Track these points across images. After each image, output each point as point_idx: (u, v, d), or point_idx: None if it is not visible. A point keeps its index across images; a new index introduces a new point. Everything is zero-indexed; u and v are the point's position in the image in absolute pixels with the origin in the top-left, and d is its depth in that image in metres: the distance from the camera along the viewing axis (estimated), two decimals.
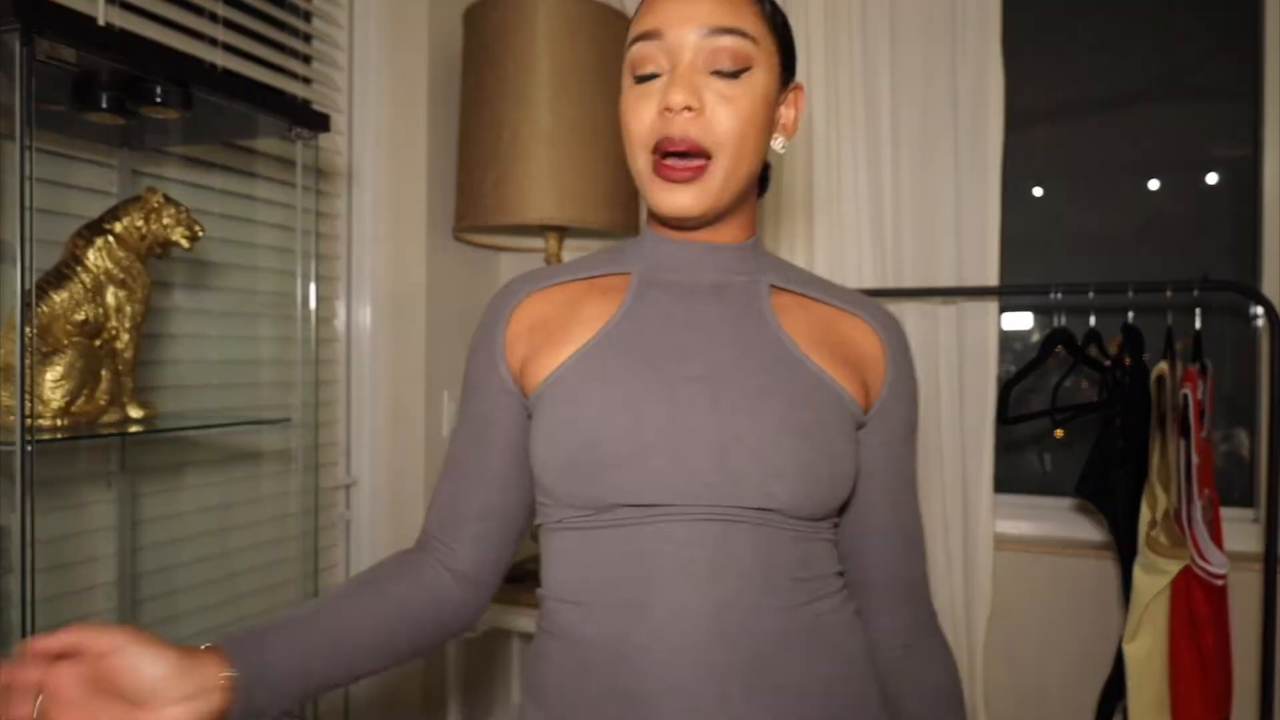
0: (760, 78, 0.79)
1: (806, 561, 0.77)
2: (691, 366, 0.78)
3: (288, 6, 1.82)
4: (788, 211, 2.00)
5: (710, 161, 0.77)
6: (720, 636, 0.71)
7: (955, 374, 1.90)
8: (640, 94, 0.79)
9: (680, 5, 0.77)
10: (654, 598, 0.73)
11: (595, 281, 0.87)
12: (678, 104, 0.75)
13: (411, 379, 2.04)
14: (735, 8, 0.77)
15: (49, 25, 0.98)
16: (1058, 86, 2.08)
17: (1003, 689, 1.97)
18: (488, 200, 1.87)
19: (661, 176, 0.78)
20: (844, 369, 0.81)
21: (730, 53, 0.77)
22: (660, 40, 0.77)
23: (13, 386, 1.09)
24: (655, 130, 0.77)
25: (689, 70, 0.77)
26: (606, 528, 0.75)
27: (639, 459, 0.74)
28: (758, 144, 0.80)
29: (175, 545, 1.59)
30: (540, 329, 0.84)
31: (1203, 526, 1.59)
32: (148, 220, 1.25)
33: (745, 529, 0.73)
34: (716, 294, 0.83)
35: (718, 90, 0.77)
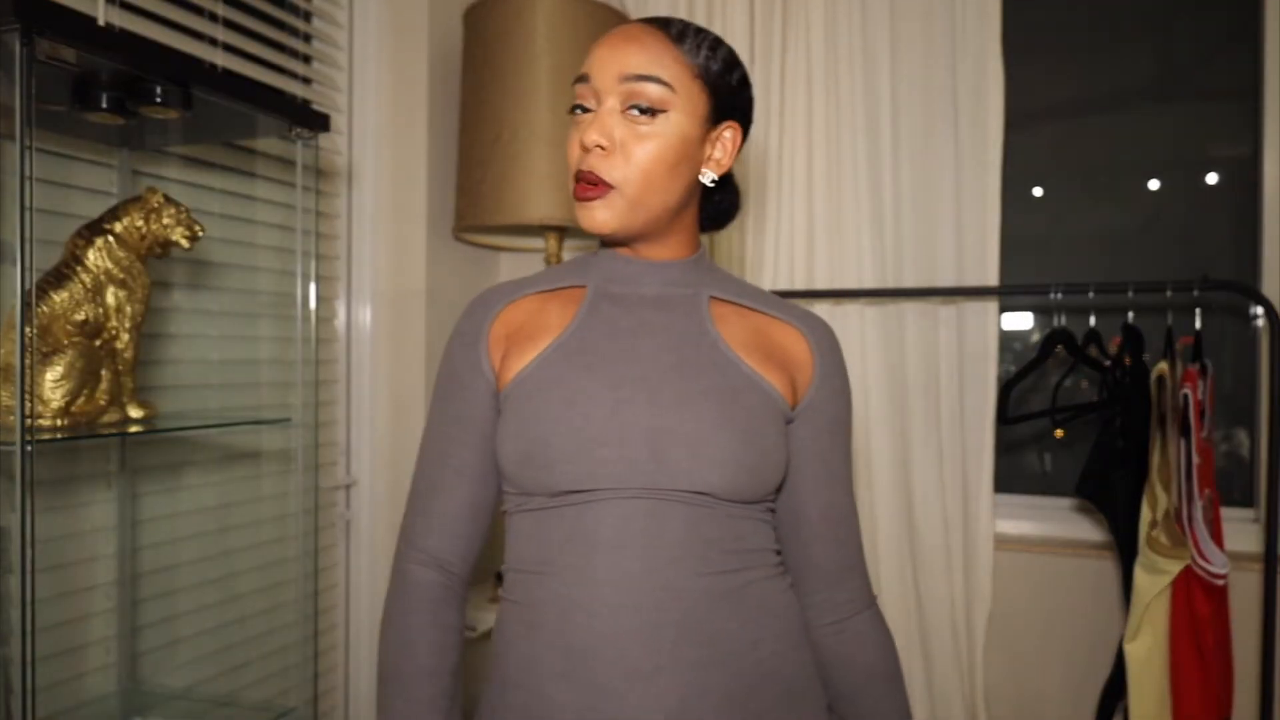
0: (676, 119, 0.88)
1: (739, 537, 0.88)
2: (633, 369, 0.89)
3: (288, 6, 1.82)
4: (788, 212, 2.00)
5: (614, 190, 0.87)
6: (651, 596, 0.83)
7: (955, 374, 1.90)
8: (573, 126, 0.91)
9: (607, 54, 0.88)
10: (595, 563, 0.84)
11: (558, 293, 0.98)
12: (590, 142, 0.87)
13: (411, 379, 2.04)
14: (655, 58, 0.87)
15: (49, 25, 0.98)
16: (1058, 86, 2.08)
17: (1003, 689, 1.97)
18: (488, 200, 1.87)
19: (578, 198, 0.89)
20: (775, 370, 0.92)
21: (645, 96, 0.87)
22: (589, 83, 0.89)
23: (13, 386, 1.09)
24: (576, 161, 0.89)
25: (607, 111, 0.88)
26: (558, 508, 0.87)
27: (585, 451, 0.85)
28: (668, 179, 0.89)
29: (175, 545, 1.59)
30: (514, 335, 0.95)
31: (1203, 526, 1.59)
32: (148, 220, 1.25)
33: (678, 507, 0.85)
34: (660, 304, 0.94)
35: (634, 129, 0.87)
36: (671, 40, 0.89)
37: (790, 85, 1.98)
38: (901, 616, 1.93)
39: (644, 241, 0.94)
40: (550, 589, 0.86)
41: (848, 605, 0.96)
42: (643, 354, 0.90)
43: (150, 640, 1.55)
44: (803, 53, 1.97)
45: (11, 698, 1.10)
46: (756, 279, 2.02)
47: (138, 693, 1.49)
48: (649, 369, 0.89)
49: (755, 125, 2.02)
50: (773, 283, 2.00)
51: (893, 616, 1.93)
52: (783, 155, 1.99)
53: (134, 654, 1.51)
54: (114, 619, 1.47)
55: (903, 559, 1.94)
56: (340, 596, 2.04)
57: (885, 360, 1.94)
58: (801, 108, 1.97)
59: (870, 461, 1.95)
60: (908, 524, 1.94)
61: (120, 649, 1.47)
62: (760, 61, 2.01)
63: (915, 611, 1.93)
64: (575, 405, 0.87)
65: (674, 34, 0.90)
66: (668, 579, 0.83)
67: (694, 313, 0.94)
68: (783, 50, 1.99)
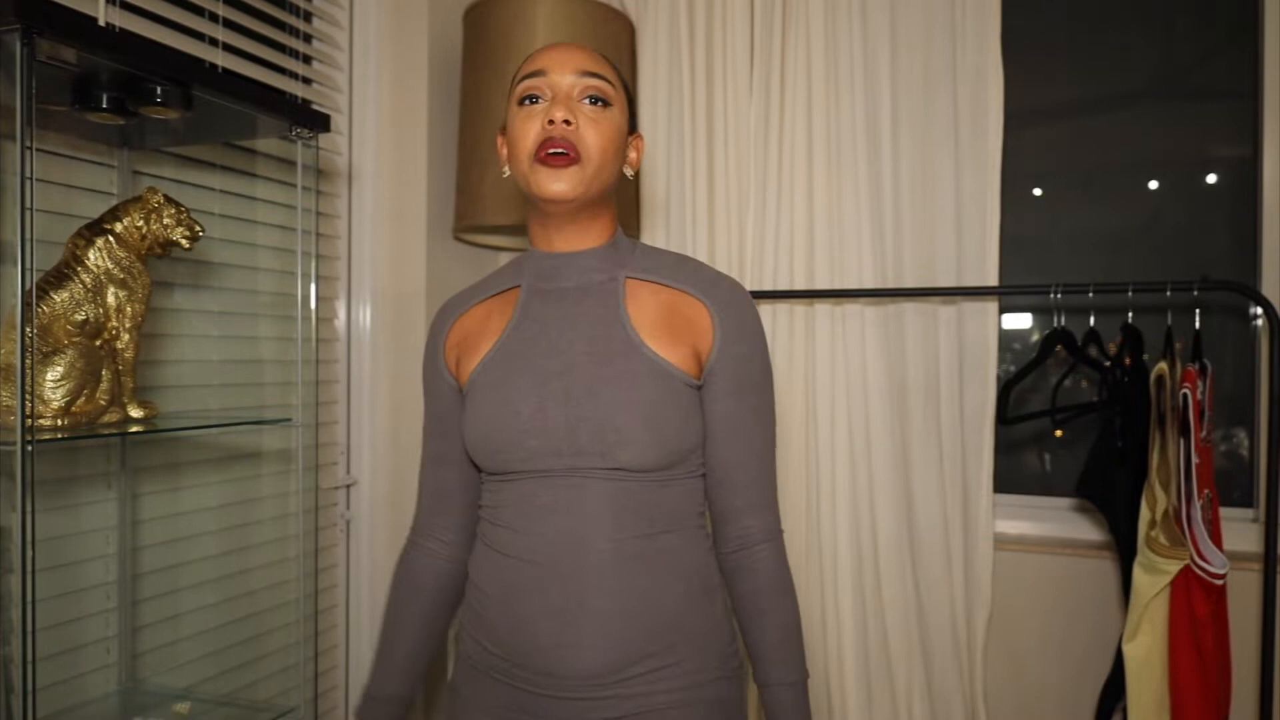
0: (616, 115, 1.06)
1: (657, 503, 1.04)
2: (554, 363, 1.05)
3: (288, 6, 1.82)
4: (788, 211, 2.00)
5: (581, 161, 1.02)
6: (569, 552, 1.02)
7: (955, 374, 1.91)
8: (526, 114, 1.04)
9: (560, 54, 1.05)
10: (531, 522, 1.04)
11: (500, 297, 1.15)
12: (559, 117, 1.01)
13: (411, 379, 2.04)
14: (599, 62, 1.06)
15: (49, 25, 0.98)
16: (1058, 86, 2.08)
17: (1003, 689, 1.97)
18: (488, 200, 1.87)
19: (544, 164, 1.01)
20: (679, 345, 1.06)
21: (598, 89, 1.04)
22: (545, 77, 1.04)
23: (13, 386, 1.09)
24: (539, 137, 1.02)
25: (566, 98, 1.03)
26: (510, 483, 1.07)
27: (517, 442, 1.04)
28: (614, 161, 1.06)
29: (175, 545, 1.59)
30: (464, 341, 1.14)
31: (1202, 526, 1.59)
32: (148, 220, 1.25)
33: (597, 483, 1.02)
34: (581, 294, 1.09)
35: (588, 114, 1.03)
36: (599, 57, 1.08)
37: (790, 85, 1.98)
38: (901, 616, 1.93)
39: (574, 226, 1.08)
40: (501, 536, 1.07)
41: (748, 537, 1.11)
42: (563, 347, 1.06)
43: (150, 640, 1.55)
44: (803, 53, 1.97)
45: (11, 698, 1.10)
46: (757, 279, 2.02)
47: (138, 693, 1.49)
48: (568, 361, 1.05)
49: (755, 124, 2.03)
50: (773, 283, 2.00)
51: (893, 616, 1.93)
52: (783, 155, 1.99)
53: (134, 654, 1.51)
54: (114, 619, 1.47)
55: (903, 559, 1.94)
56: (340, 596, 2.04)
57: (885, 360, 1.95)
58: (802, 108, 1.97)
59: (870, 461, 1.95)
60: (908, 524, 1.94)
61: (120, 649, 1.47)
62: (760, 61, 2.01)
63: (915, 611, 1.94)
64: (509, 403, 1.05)
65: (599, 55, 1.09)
66: (584, 539, 1.02)
67: (609, 299, 1.08)
68: (783, 50, 1.99)
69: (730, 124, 2.03)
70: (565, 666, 1.02)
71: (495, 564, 1.08)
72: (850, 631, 1.96)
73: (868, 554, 1.95)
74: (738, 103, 2.03)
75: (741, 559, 1.11)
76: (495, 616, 1.07)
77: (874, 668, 1.95)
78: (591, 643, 1.01)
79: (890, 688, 1.94)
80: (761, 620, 1.09)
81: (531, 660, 1.03)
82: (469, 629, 1.13)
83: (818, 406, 1.98)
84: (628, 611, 1.02)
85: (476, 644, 1.11)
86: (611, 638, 1.01)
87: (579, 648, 1.01)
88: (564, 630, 1.01)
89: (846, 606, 1.96)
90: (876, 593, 1.94)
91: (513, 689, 1.07)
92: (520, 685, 1.06)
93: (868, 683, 1.96)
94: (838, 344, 1.97)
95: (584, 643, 1.01)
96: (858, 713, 1.96)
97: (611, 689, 1.02)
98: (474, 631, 1.11)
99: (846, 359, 1.96)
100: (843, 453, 1.96)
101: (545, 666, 1.03)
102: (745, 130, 2.03)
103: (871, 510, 1.95)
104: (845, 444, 1.96)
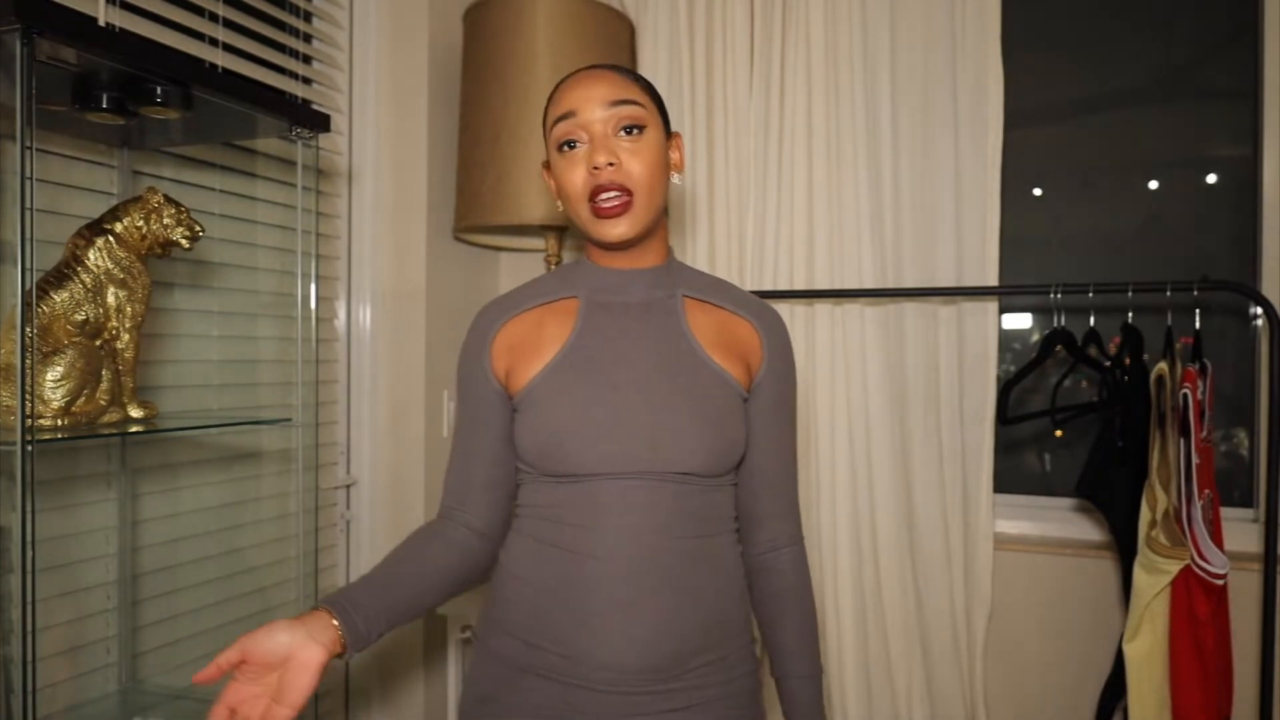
0: (653, 135, 1.07)
1: (710, 505, 1.09)
2: (626, 374, 1.08)
3: (288, 6, 1.82)
4: (788, 212, 2.00)
5: (632, 197, 1.05)
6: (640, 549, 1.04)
7: (955, 374, 1.91)
8: (568, 161, 1.06)
9: (585, 89, 1.06)
10: (600, 519, 1.05)
11: (552, 305, 1.15)
12: (602, 162, 1.03)
13: (411, 379, 2.04)
14: (624, 85, 1.07)
15: (49, 25, 0.98)
16: (1058, 86, 2.08)
17: (1003, 689, 1.97)
18: (488, 200, 1.87)
19: (599, 216, 1.05)
20: (734, 361, 1.12)
21: (630, 117, 1.05)
22: (575, 118, 1.05)
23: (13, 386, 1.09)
24: (588, 184, 1.05)
25: (602, 137, 1.05)
26: (573, 483, 1.07)
27: (591, 446, 1.05)
28: (661, 183, 1.09)
29: (175, 545, 1.59)
30: (517, 347, 1.13)
31: (1203, 526, 1.59)
32: (148, 220, 1.25)
33: (667, 485, 1.06)
34: (644, 309, 1.13)
35: (626, 147, 1.05)
36: (624, 75, 1.09)
37: (790, 85, 1.98)
38: (901, 616, 1.93)
39: (633, 249, 1.11)
40: (559, 533, 1.07)
41: (778, 540, 1.18)
42: (632, 358, 1.09)
43: (150, 640, 1.55)
44: (803, 53, 1.97)
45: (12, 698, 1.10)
46: (757, 279, 2.02)
47: (138, 693, 1.49)
48: (638, 373, 1.08)
49: (755, 124, 2.03)
50: (773, 283, 2.00)
51: (893, 616, 1.93)
52: (783, 155, 1.99)
53: (134, 654, 1.51)
54: (114, 619, 1.47)
55: (903, 559, 1.94)
56: None
57: (885, 360, 1.95)
58: (801, 108, 1.97)
59: (870, 461, 1.95)
60: (908, 524, 1.94)
61: (120, 649, 1.47)
62: (760, 61, 2.01)
63: (915, 612, 1.94)
64: (583, 409, 1.06)
65: (622, 71, 1.10)
66: (656, 540, 1.05)
67: (672, 314, 1.13)
68: (783, 50, 1.99)
69: (730, 124, 2.03)
70: (628, 660, 1.03)
71: (551, 559, 1.08)
72: (850, 631, 1.96)
73: (868, 554, 1.95)
74: (737, 103, 2.03)
75: (769, 560, 1.18)
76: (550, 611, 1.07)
77: (874, 668, 1.95)
78: (654, 637, 1.04)
79: (890, 688, 1.94)
80: (784, 619, 1.17)
81: (593, 654, 1.04)
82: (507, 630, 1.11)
83: (818, 406, 1.98)
84: (686, 607, 1.05)
85: (519, 642, 1.09)
86: (672, 632, 1.05)
87: (643, 642, 1.03)
88: (630, 624, 1.03)
89: (846, 606, 1.96)
90: (876, 593, 1.94)
91: (565, 685, 1.06)
92: (575, 681, 1.06)
93: (868, 683, 1.96)
94: (838, 344, 1.97)
95: (647, 637, 1.04)
96: (858, 713, 1.96)
97: (668, 683, 1.05)
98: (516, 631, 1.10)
99: (846, 359, 1.96)
100: (843, 452, 1.96)
101: (607, 660, 1.04)
102: (745, 130, 2.03)
103: (871, 510, 1.95)
104: (845, 444, 1.96)
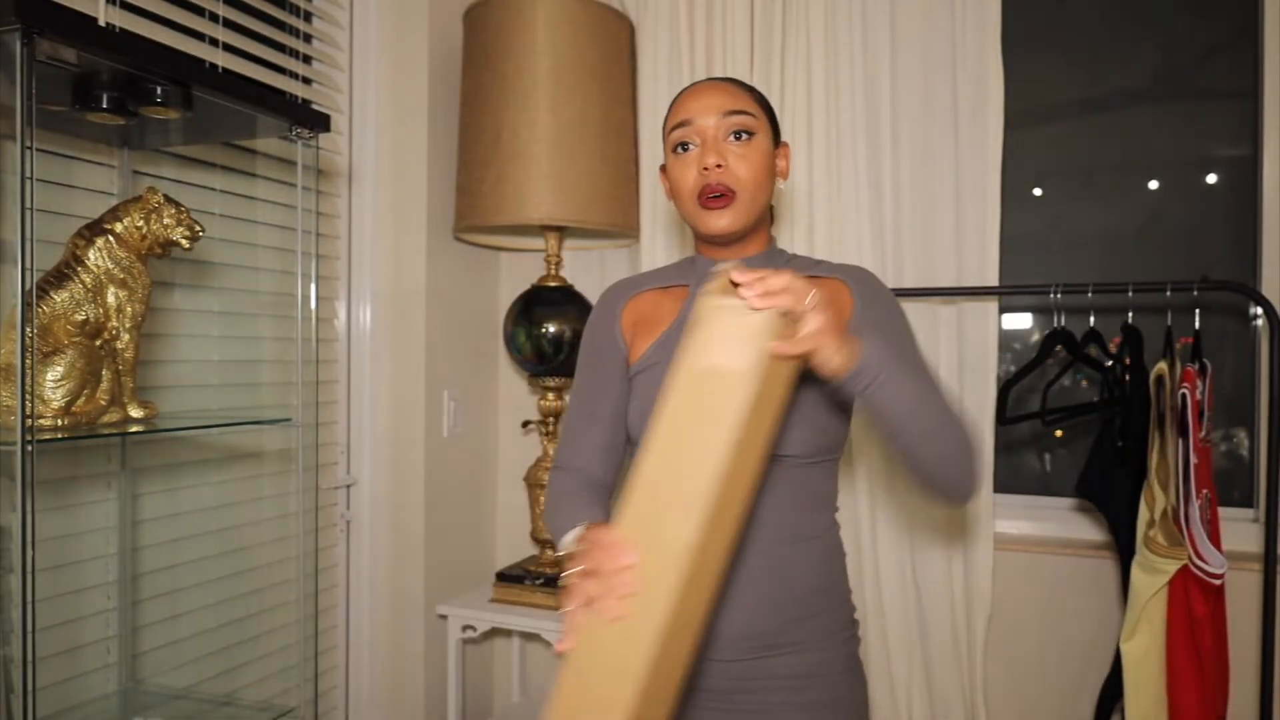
0: (761, 141, 1.16)
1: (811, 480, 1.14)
2: None
3: (288, 6, 1.82)
4: (788, 212, 2.00)
5: (735, 196, 1.14)
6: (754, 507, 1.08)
7: (955, 374, 1.91)
8: (682, 163, 1.16)
9: (702, 99, 1.16)
10: None
11: (668, 290, 1.26)
12: (710, 164, 1.13)
13: (411, 379, 2.04)
14: (738, 96, 1.16)
15: (50, 25, 0.98)
16: (1058, 86, 2.08)
17: (1003, 689, 1.97)
18: (488, 200, 1.87)
19: (705, 208, 1.14)
20: None
21: (740, 124, 1.15)
22: (691, 125, 1.15)
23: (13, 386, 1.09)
24: (697, 183, 1.14)
25: (714, 141, 1.14)
26: None
27: None
28: (766, 184, 1.17)
29: (175, 545, 1.59)
30: (640, 321, 1.24)
31: (1200, 526, 1.59)
32: (148, 220, 1.25)
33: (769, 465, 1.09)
34: None
35: (735, 152, 1.14)
36: (739, 87, 1.18)
37: (790, 85, 1.98)
38: (901, 617, 1.93)
39: (739, 241, 1.19)
40: None
41: None
42: None
43: (150, 640, 1.55)
44: (803, 53, 1.97)
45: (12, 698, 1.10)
46: None
47: (138, 693, 1.49)
48: None
49: None
50: None
51: (893, 616, 1.93)
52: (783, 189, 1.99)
53: (134, 654, 1.51)
54: (114, 619, 1.47)
55: (903, 559, 1.94)
56: (340, 596, 2.04)
57: None
58: (801, 108, 1.97)
59: (870, 461, 1.95)
60: (908, 524, 1.94)
61: (120, 649, 1.47)
62: (760, 61, 2.01)
63: (915, 612, 1.94)
64: None
65: (737, 84, 1.19)
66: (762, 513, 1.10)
67: None
68: (783, 50, 1.99)
69: None
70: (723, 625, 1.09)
71: None
72: None
73: (868, 554, 1.95)
74: None
75: None
76: None
77: (874, 668, 1.95)
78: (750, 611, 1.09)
79: (890, 688, 1.94)
80: None
81: None
82: None
83: None
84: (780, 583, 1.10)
85: None
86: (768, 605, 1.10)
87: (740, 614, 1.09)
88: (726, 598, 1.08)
89: None
90: (877, 593, 1.94)
91: None
92: None
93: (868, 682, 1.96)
94: None
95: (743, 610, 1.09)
96: None
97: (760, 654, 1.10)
98: None
99: None
100: None
101: None
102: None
103: (871, 510, 1.95)
104: None
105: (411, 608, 2.04)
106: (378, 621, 2.07)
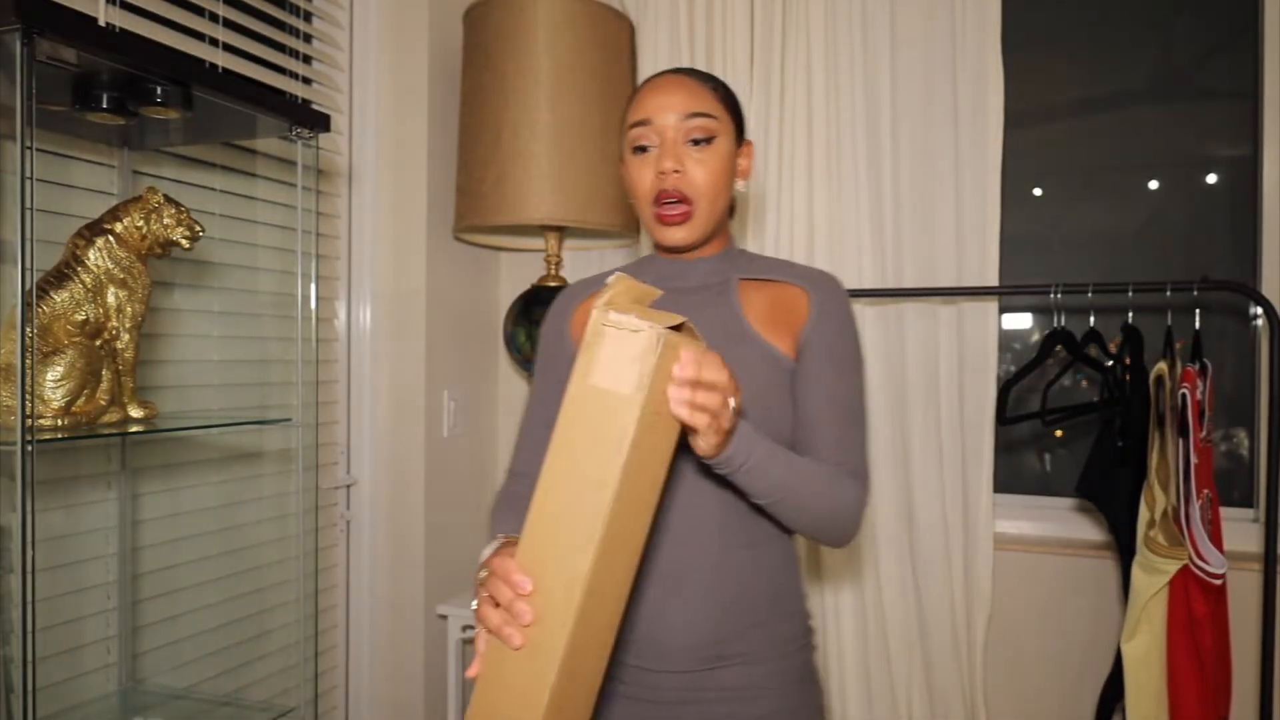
0: (721, 145, 1.12)
1: None
2: None
3: (288, 6, 1.82)
4: (788, 211, 2.00)
5: (693, 205, 1.11)
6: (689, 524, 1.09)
7: (955, 374, 1.91)
8: (639, 163, 1.12)
9: (662, 99, 1.11)
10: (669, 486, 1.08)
11: None
12: (668, 168, 1.09)
13: (411, 379, 2.04)
14: (700, 97, 1.12)
15: (50, 25, 0.98)
16: (1058, 86, 2.08)
17: (1003, 689, 1.97)
18: (488, 200, 1.87)
19: (661, 222, 1.11)
20: (782, 332, 1.15)
21: (700, 128, 1.11)
22: (650, 125, 1.11)
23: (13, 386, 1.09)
24: (654, 187, 1.11)
25: (672, 144, 1.10)
26: None
27: None
28: (725, 190, 1.14)
29: (175, 545, 1.59)
30: None
31: (1201, 526, 1.59)
32: (148, 220, 1.25)
33: None
34: (700, 294, 1.18)
35: (694, 156, 1.11)
36: (702, 83, 1.13)
37: (790, 85, 1.98)
38: (901, 616, 1.93)
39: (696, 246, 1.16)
40: None
41: None
42: None
43: (150, 640, 1.55)
44: (803, 53, 1.97)
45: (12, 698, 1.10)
46: None
47: (138, 693, 1.49)
48: None
49: (756, 126, 2.03)
50: None
51: (893, 616, 1.93)
52: (783, 155, 1.99)
53: (134, 654, 1.51)
54: (114, 619, 1.47)
55: (903, 559, 1.94)
56: (340, 596, 2.04)
57: (885, 360, 1.95)
58: (801, 108, 1.97)
59: (870, 461, 1.95)
60: (908, 524, 1.94)
61: (120, 649, 1.47)
62: (760, 61, 2.01)
63: (915, 611, 1.94)
64: None
65: (702, 79, 1.14)
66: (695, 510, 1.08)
67: (725, 296, 1.17)
68: (783, 50, 1.99)
69: None
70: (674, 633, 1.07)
71: None
72: (850, 631, 1.96)
73: (868, 554, 1.95)
74: None
75: None
76: None
77: (874, 668, 1.95)
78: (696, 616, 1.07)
79: (890, 688, 1.94)
80: None
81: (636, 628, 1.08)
82: None
83: None
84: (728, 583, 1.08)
85: None
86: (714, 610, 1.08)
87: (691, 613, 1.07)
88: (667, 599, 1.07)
89: (846, 606, 1.96)
90: (876, 593, 1.94)
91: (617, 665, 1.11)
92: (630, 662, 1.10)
93: (868, 682, 1.96)
94: None
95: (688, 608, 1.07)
96: (858, 713, 1.96)
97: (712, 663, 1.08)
98: None
99: None
100: None
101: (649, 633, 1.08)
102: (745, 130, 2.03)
103: (872, 510, 1.95)
104: None
105: (411, 608, 2.04)
106: (378, 622, 2.07)
